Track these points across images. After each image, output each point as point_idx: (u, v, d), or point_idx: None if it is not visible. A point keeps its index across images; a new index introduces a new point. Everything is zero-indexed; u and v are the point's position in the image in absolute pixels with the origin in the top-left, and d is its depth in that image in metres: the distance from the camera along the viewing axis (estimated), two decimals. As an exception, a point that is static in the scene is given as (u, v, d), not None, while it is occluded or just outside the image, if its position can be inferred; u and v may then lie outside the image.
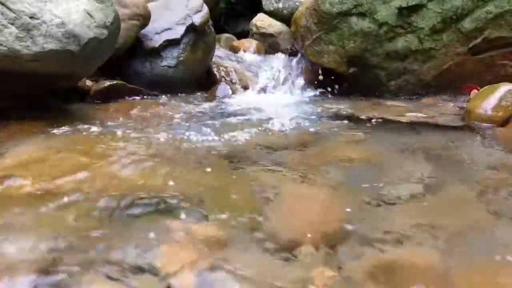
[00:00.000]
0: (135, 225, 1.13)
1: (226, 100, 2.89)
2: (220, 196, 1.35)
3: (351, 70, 3.09)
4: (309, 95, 3.17)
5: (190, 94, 2.91)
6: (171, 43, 2.96)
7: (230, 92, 3.04)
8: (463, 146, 1.99)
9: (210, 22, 3.22)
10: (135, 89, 2.70)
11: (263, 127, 2.17)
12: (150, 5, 3.04)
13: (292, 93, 3.20)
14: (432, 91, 2.98)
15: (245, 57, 3.71)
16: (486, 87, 2.51)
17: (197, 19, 3.05)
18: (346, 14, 2.97)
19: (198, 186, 1.39)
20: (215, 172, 1.53)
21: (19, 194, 1.27)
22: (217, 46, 3.54)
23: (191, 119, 2.30)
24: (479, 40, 2.85)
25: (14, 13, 1.81)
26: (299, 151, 1.87)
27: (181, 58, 2.95)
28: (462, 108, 2.57)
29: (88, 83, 2.59)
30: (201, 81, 3.13)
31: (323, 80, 3.26)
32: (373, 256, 1.03)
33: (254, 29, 4.16)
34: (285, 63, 3.45)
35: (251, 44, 3.98)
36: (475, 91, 2.64)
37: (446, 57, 2.92)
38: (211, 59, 3.29)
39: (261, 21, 4.17)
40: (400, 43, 2.95)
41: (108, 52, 2.24)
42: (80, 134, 1.87)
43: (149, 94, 2.75)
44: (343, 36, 3.01)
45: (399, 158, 1.80)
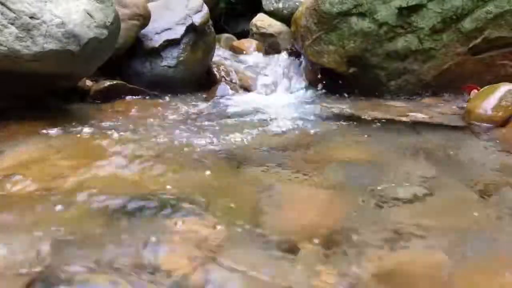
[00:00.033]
0: (136, 224, 1.13)
1: (226, 100, 2.89)
2: (220, 196, 1.35)
3: (351, 70, 3.09)
4: (309, 95, 3.17)
5: (190, 94, 2.91)
6: (171, 43, 2.96)
7: (230, 92, 3.04)
8: (463, 146, 2.00)
9: (210, 22, 3.21)
10: (135, 89, 2.70)
11: (263, 127, 2.17)
12: (150, 5, 3.04)
13: (292, 93, 3.20)
14: (432, 91, 2.97)
15: (249, 59, 3.66)
16: (486, 87, 2.51)
17: (197, 19, 3.05)
18: (346, 14, 2.97)
19: (198, 186, 1.39)
20: (215, 172, 1.53)
21: (19, 194, 1.27)
22: (217, 46, 3.53)
23: (191, 119, 2.30)
24: (479, 40, 2.85)
25: (14, 13, 1.81)
26: (299, 151, 1.87)
27: (181, 58, 2.95)
28: (462, 108, 2.57)
29: (88, 83, 2.59)
30: (201, 81, 3.13)
31: (323, 80, 3.26)
32: (373, 256, 1.03)
33: (254, 29, 4.16)
34: (286, 63, 3.45)
35: (251, 44, 3.97)
36: (475, 91, 2.64)
37: (446, 57, 2.92)
38: (211, 59, 3.28)
39: (261, 21, 4.17)
40: (400, 43, 2.95)
41: (108, 52, 2.24)
42: (80, 134, 1.87)
43: (149, 94, 2.75)
44: (343, 36, 3.01)
45: (399, 158, 1.81)
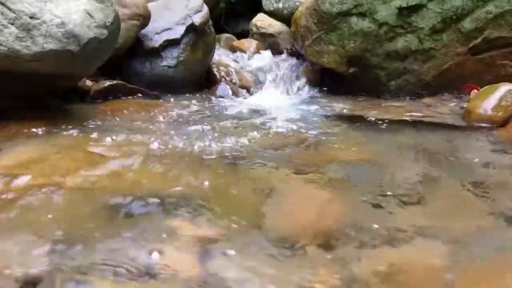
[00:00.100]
0: (136, 224, 1.13)
1: (226, 100, 2.89)
2: (220, 196, 1.35)
3: (351, 70, 3.09)
4: (309, 95, 3.17)
5: (190, 94, 2.91)
6: (171, 43, 2.96)
7: (230, 92, 3.04)
8: (463, 146, 2.00)
9: (210, 22, 3.21)
10: (135, 89, 2.70)
11: (263, 127, 2.17)
12: (150, 5, 3.04)
13: (292, 93, 3.20)
14: (432, 91, 2.97)
15: (252, 60, 3.62)
16: (486, 87, 2.51)
17: (197, 19, 3.05)
18: (346, 14, 2.97)
19: (198, 186, 1.39)
20: (215, 172, 1.53)
21: (18, 193, 1.27)
22: (217, 46, 3.53)
23: (191, 119, 2.30)
24: (479, 40, 2.85)
25: (14, 13, 1.81)
26: (299, 151, 1.87)
27: (181, 58, 2.95)
28: (462, 108, 2.57)
29: (88, 83, 2.59)
30: (201, 81, 3.13)
31: (323, 80, 3.26)
32: (374, 256, 1.03)
33: (254, 29, 4.15)
34: (287, 63, 3.45)
35: (251, 44, 3.97)
36: (475, 91, 2.64)
37: (446, 57, 2.92)
38: (211, 59, 3.28)
39: (261, 21, 4.16)
40: (400, 43, 2.95)
41: (108, 52, 2.24)
42: (80, 134, 1.87)
43: (149, 94, 2.75)
44: (343, 36, 3.01)
45: (399, 158, 1.81)
